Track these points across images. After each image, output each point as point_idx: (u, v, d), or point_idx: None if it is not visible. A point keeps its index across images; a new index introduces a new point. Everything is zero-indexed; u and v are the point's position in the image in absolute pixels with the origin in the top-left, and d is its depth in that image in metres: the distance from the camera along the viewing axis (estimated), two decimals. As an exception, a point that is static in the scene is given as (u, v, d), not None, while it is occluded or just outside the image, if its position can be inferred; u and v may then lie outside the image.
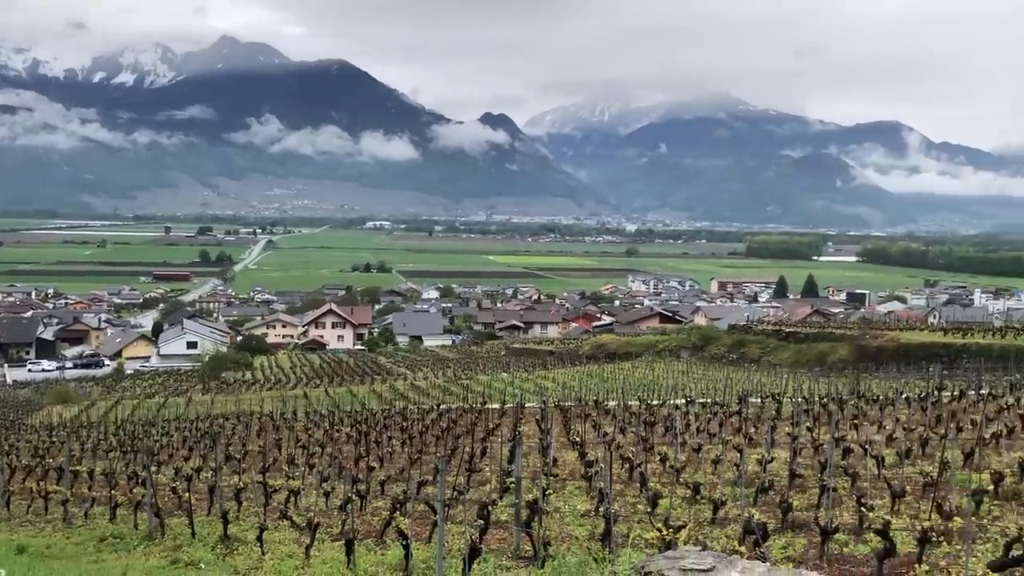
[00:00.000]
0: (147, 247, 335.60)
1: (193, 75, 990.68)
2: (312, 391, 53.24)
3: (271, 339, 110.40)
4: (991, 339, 46.36)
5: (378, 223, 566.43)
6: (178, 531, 12.20)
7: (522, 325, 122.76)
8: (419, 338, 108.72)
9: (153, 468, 15.70)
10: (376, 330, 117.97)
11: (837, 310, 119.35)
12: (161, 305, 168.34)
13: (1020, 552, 6.81)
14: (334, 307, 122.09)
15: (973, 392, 25.97)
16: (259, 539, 10.51)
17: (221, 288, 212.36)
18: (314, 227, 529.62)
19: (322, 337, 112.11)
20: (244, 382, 65.61)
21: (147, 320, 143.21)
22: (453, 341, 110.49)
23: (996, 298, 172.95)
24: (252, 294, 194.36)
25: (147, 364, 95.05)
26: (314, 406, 40.42)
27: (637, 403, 27.79)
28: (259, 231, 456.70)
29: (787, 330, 62.56)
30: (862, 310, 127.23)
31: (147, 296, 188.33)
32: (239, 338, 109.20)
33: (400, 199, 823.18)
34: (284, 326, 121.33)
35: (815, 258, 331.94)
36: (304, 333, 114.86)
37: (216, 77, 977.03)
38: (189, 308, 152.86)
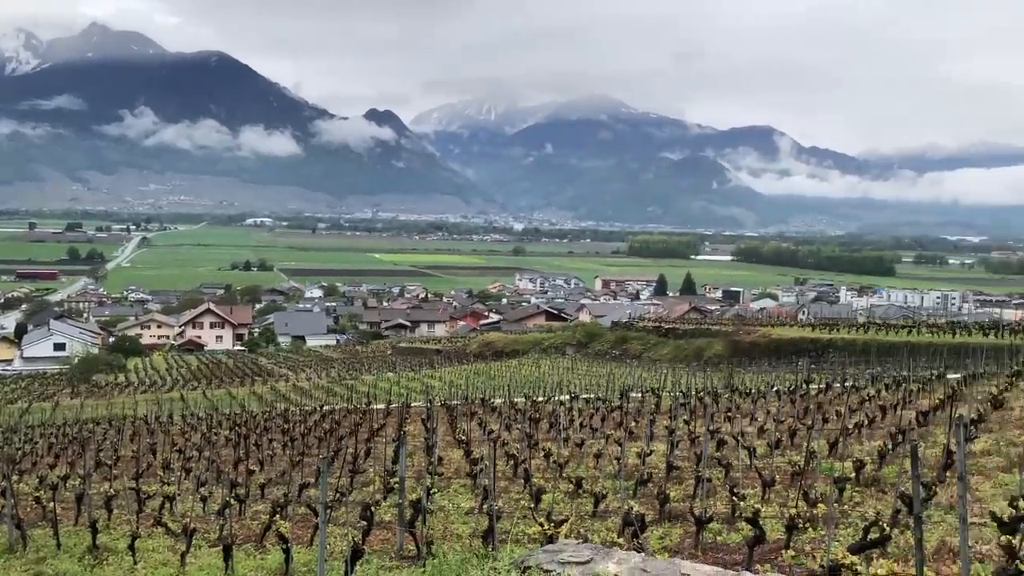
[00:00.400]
0: (8, 244, 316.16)
1: (60, 63, 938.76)
2: (189, 393, 51.47)
3: (146, 340, 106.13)
4: (855, 334, 48.96)
5: (259, 220, 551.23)
6: (42, 543, 11.59)
7: (409, 324, 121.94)
8: (302, 338, 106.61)
9: (15, 477, 14.85)
10: (257, 330, 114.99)
11: (714, 307, 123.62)
12: (25, 305, 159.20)
13: (876, 535, 7.22)
14: (212, 306, 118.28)
15: (838, 385, 27.31)
16: (131, 548, 10.10)
17: (92, 287, 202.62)
18: (192, 224, 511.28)
19: (200, 338, 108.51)
20: (117, 385, 62.86)
21: (9, 321, 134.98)
22: (337, 341, 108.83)
23: (860, 295, 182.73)
24: (125, 293, 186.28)
25: (9, 368, 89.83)
26: (191, 409, 39.08)
27: (523, 400, 28.06)
28: (133, 227, 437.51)
29: (667, 327, 64.42)
30: (737, 307, 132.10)
31: (9, 296, 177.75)
32: (111, 339, 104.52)
33: (282, 195, 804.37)
34: (160, 326, 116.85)
35: (693, 257, 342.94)
36: (181, 334, 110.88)
37: (86, 66, 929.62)
38: (57, 308, 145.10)
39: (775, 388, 27.45)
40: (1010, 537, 6.17)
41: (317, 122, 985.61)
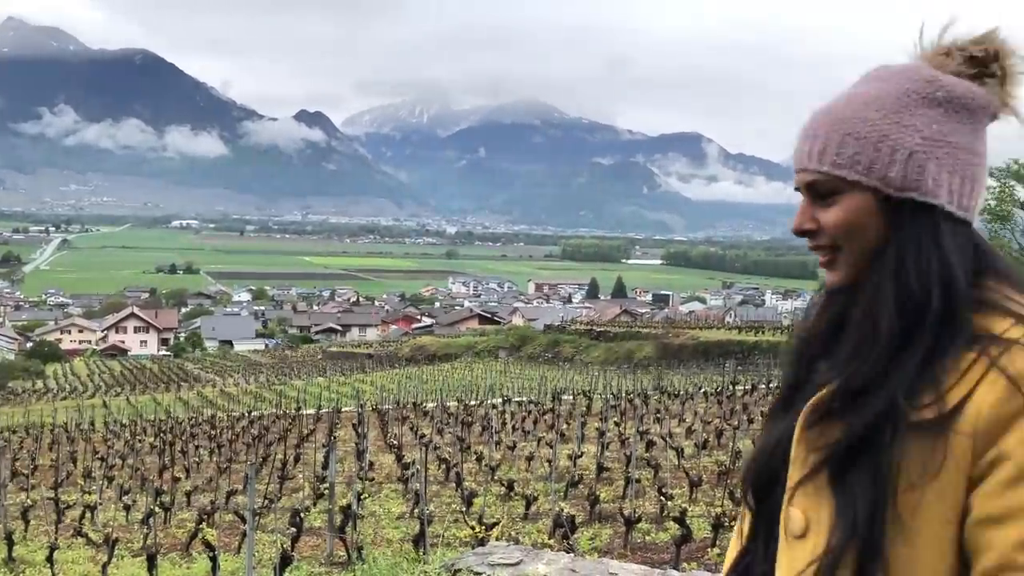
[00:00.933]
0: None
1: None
2: (112, 400, 50.03)
3: (66, 345, 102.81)
4: (780, 336, 50.12)
5: (185, 222, 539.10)
6: (-46, 557, 11.16)
7: (340, 328, 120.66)
8: (230, 343, 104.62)
9: (-75, 489, 14.26)
10: (183, 335, 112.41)
11: (644, 310, 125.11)
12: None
13: (798, 531, 7.42)
14: (136, 310, 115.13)
15: (763, 386, 27.96)
16: (49, 559, 9.80)
17: (8, 290, 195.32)
18: (114, 226, 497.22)
19: (123, 343, 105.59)
20: (35, 392, 60.74)
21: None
22: (267, 345, 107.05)
23: (785, 298, 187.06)
24: (44, 297, 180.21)
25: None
26: (114, 415, 38.00)
27: (456, 404, 28.04)
28: (52, 229, 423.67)
29: (598, 329, 65.04)
30: (666, 310, 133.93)
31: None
32: (29, 344, 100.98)
33: (209, 197, 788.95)
34: (81, 331, 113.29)
35: (624, 261, 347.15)
36: (103, 338, 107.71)
37: (2, 62, 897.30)
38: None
39: (703, 389, 27.98)
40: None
41: (245, 123, 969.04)
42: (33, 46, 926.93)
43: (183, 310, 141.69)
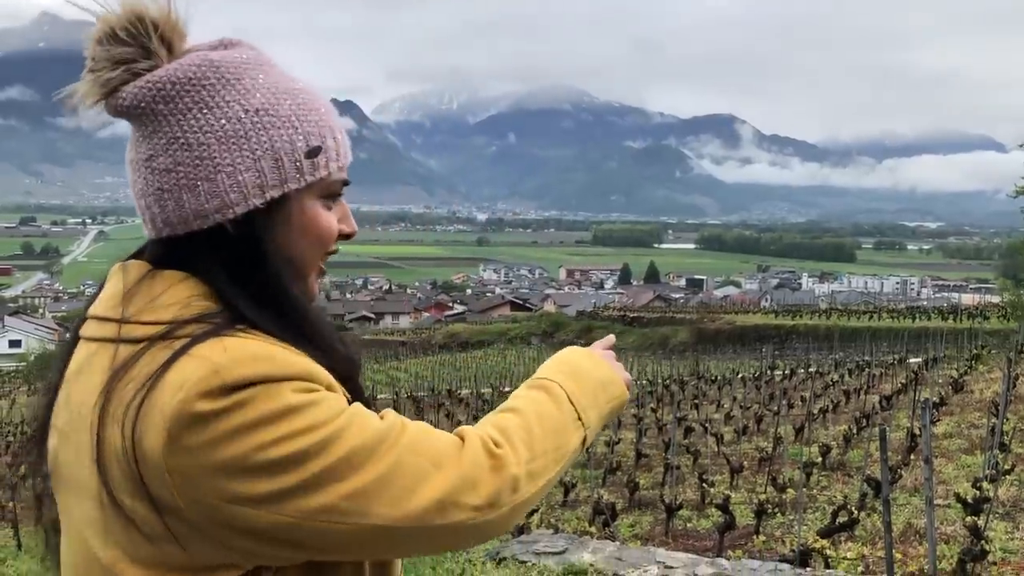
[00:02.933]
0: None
1: (11, 54, 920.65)
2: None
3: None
4: (818, 320, 49.58)
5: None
6: (1, 543, 11.35)
7: (373, 316, 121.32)
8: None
9: (-28, 477, 14.54)
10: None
11: (678, 295, 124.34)
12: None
13: (845, 519, 7.29)
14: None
15: (802, 370, 27.63)
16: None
17: (47, 282, 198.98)
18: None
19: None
20: (75, 382, 61.69)
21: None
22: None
23: (822, 282, 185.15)
24: (82, 288, 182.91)
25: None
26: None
27: (490, 391, 28.04)
28: (89, 221, 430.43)
29: (631, 315, 64.78)
30: (700, 295, 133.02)
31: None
32: (68, 335, 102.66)
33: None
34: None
35: (657, 246, 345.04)
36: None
37: (38, 56, 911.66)
38: (11, 304, 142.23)
39: (740, 375, 27.70)
40: (975, 518, 6.26)
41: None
42: (67, 40, 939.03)
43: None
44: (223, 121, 0.99)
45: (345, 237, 1.18)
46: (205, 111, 0.99)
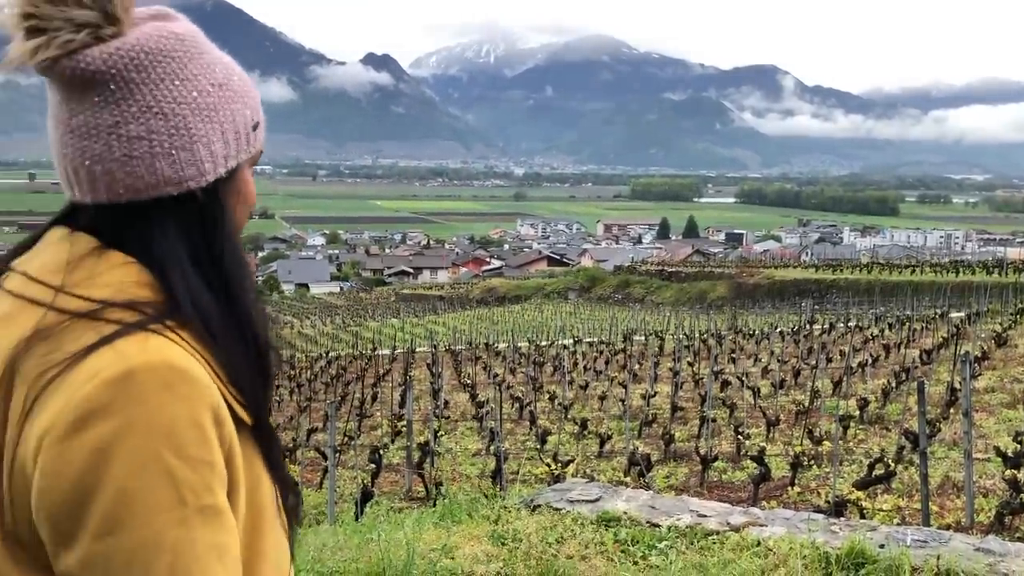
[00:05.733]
0: (8, 195, 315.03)
1: None
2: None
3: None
4: (859, 274, 48.95)
5: (259, 168, 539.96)
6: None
7: (411, 271, 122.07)
8: (305, 285, 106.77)
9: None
10: (260, 278, 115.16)
11: (716, 250, 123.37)
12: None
13: (881, 471, 7.29)
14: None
15: (842, 325, 27.39)
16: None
17: None
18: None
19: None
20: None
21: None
22: (341, 288, 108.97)
23: (863, 235, 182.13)
24: None
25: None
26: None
27: (527, 344, 28.19)
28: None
29: (669, 270, 64.40)
30: (739, 249, 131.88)
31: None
32: None
33: (280, 143, 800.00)
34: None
35: (696, 200, 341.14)
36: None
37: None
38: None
39: (779, 329, 27.53)
40: (1014, 471, 6.23)
41: (314, 67, 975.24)
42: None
43: (260, 254, 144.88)
44: (195, 93, 1.02)
45: None
46: (178, 83, 1.01)
